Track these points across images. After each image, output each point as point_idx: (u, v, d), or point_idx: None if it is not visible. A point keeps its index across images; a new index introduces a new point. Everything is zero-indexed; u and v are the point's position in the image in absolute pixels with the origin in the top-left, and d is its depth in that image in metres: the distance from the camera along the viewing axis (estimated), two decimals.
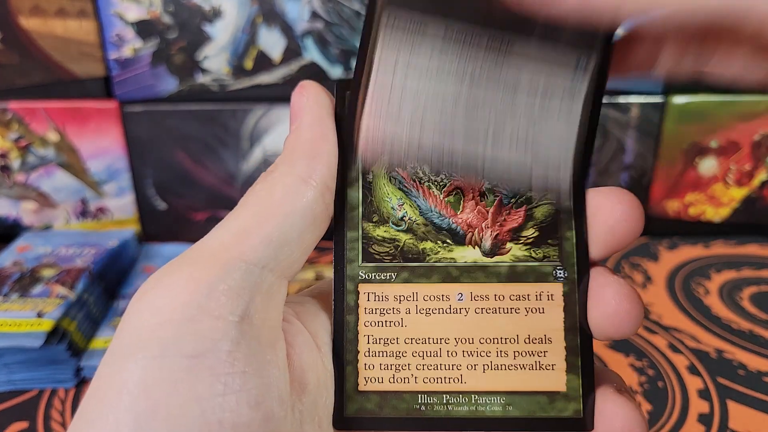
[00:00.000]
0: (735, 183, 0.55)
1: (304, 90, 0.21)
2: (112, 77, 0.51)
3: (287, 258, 0.19)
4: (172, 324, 0.17)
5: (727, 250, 0.55)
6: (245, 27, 0.50)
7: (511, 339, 0.20)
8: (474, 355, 0.20)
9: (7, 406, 0.36)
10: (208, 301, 0.17)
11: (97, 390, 0.17)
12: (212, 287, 0.17)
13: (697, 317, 0.45)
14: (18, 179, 0.53)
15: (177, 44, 0.50)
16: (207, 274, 0.17)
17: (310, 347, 0.20)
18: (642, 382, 0.38)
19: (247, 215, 0.19)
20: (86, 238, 0.50)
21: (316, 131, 0.20)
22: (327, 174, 0.20)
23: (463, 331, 0.20)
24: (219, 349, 0.17)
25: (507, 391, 0.20)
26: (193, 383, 0.16)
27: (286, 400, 0.18)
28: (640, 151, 0.54)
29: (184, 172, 0.54)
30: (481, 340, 0.20)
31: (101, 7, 0.49)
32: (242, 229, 0.19)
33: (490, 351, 0.20)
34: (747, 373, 0.39)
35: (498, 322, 0.20)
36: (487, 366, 0.20)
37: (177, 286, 0.17)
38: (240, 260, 0.18)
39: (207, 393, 0.16)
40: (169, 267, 0.18)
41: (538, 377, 0.20)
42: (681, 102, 0.52)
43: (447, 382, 0.20)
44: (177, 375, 0.16)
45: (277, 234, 0.19)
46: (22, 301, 0.40)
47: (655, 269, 0.52)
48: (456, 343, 0.20)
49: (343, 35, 0.51)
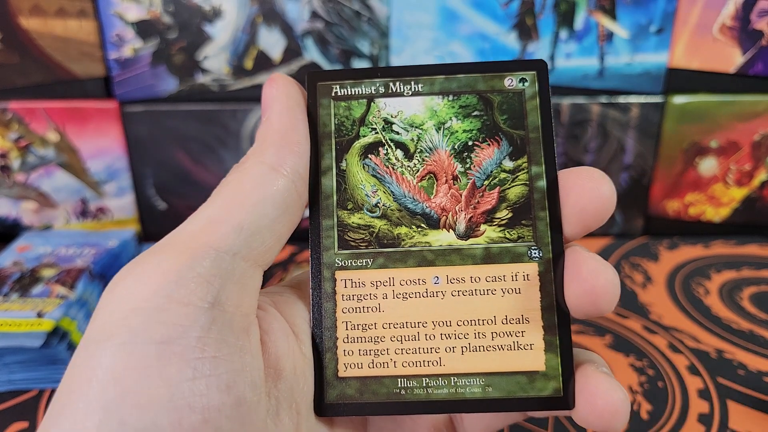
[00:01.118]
0: (735, 183, 0.55)
1: (274, 82, 0.21)
2: (112, 77, 0.51)
3: (260, 246, 0.19)
4: (142, 311, 0.17)
5: (727, 250, 0.55)
6: (245, 27, 0.50)
7: (489, 320, 0.20)
8: (452, 337, 0.20)
9: (7, 406, 0.36)
10: (177, 288, 0.17)
11: (68, 379, 0.17)
12: (182, 274, 0.17)
13: (697, 317, 0.45)
14: (18, 179, 0.53)
15: (177, 44, 0.50)
16: (177, 262, 0.18)
17: (286, 334, 0.20)
18: (642, 382, 0.38)
19: (218, 204, 0.19)
20: (86, 238, 0.50)
21: (285, 121, 0.20)
22: (298, 163, 0.20)
23: (441, 315, 0.21)
24: (188, 335, 0.17)
25: (486, 372, 0.20)
26: (162, 369, 0.16)
27: (259, 386, 0.18)
28: (640, 151, 0.54)
29: (184, 172, 0.54)
30: (459, 323, 0.20)
31: (101, 7, 0.49)
32: (213, 217, 0.19)
33: (468, 333, 0.20)
34: (747, 373, 0.39)
35: (475, 303, 0.21)
36: (465, 348, 0.20)
37: (147, 275, 0.18)
38: (210, 248, 0.18)
39: (176, 378, 0.16)
40: (141, 257, 0.18)
41: (517, 357, 0.20)
42: (681, 102, 0.52)
43: (426, 366, 0.20)
44: (146, 361, 0.16)
45: (248, 222, 0.19)
46: (22, 301, 0.40)
47: (655, 269, 0.52)
48: (434, 327, 0.21)
49: (343, 35, 0.51)
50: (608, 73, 0.52)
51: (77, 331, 0.39)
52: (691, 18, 0.50)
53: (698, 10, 0.50)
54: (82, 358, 0.17)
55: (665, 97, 0.52)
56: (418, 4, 0.50)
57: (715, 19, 0.50)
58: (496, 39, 0.51)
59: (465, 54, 0.51)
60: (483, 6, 0.50)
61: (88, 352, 0.17)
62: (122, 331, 0.17)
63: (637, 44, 0.51)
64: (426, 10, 0.50)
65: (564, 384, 0.20)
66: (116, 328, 0.17)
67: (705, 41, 0.51)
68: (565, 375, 0.20)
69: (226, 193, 0.20)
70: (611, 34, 0.51)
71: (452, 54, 0.51)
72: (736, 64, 0.51)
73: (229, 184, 0.20)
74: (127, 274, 0.18)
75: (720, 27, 0.50)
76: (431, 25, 0.51)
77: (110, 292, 0.18)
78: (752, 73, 0.51)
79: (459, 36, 0.51)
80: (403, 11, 0.50)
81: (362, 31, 0.51)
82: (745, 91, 0.52)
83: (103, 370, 0.16)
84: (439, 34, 0.51)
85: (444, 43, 0.51)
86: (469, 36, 0.51)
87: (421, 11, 0.50)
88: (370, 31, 0.51)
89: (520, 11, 0.50)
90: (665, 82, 0.52)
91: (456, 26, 0.51)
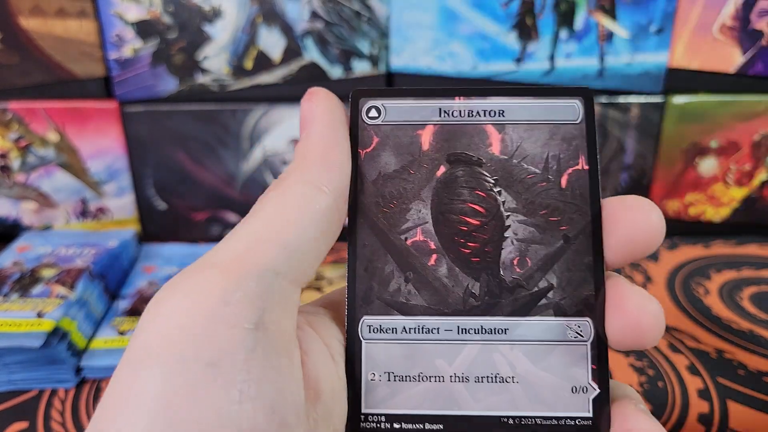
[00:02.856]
0: (735, 183, 0.55)
1: (314, 97, 0.21)
2: (112, 77, 0.51)
3: (300, 265, 0.19)
4: (189, 332, 0.17)
5: (727, 250, 0.55)
6: (245, 27, 0.50)
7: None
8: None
9: (7, 406, 0.36)
10: (224, 309, 0.17)
11: (111, 399, 0.16)
12: (228, 294, 0.17)
13: (697, 317, 0.45)
14: (18, 179, 0.53)
15: (177, 44, 0.50)
16: (222, 282, 0.17)
17: (324, 355, 0.20)
18: (642, 382, 0.38)
19: (261, 223, 0.19)
20: (86, 238, 0.50)
21: (327, 138, 0.20)
22: (340, 181, 0.20)
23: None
24: (235, 357, 0.17)
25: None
26: (210, 391, 0.16)
27: (300, 408, 0.18)
28: (640, 151, 0.54)
29: (184, 172, 0.54)
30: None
31: (101, 7, 0.49)
32: (256, 236, 0.19)
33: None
34: (747, 373, 0.39)
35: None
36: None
37: (193, 294, 0.17)
38: (255, 268, 0.18)
39: (224, 400, 0.16)
40: (185, 274, 0.18)
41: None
42: (681, 102, 0.52)
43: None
44: (194, 382, 0.16)
45: (291, 241, 0.19)
46: (22, 301, 0.40)
47: (655, 269, 0.52)
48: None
49: (343, 35, 0.51)
50: (608, 73, 0.52)
51: (77, 331, 0.39)
52: (691, 18, 0.50)
53: (698, 10, 0.50)
54: (130, 374, 0.16)
55: (665, 97, 0.52)
56: (418, 4, 0.50)
57: (715, 19, 0.50)
58: (496, 39, 0.51)
59: (465, 54, 0.51)
60: (483, 6, 0.50)
61: (132, 372, 0.16)
62: (168, 351, 0.16)
63: (637, 44, 0.51)
64: (426, 10, 0.50)
65: (598, 415, 0.19)
66: (162, 348, 0.16)
67: (705, 41, 0.51)
68: (600, 407, 0.19)
69: (268, 211, 0.19)
70: (611, 34, 0.50)
71: (452, 54, 0.51)
72: (736, 64, 0.51)
73: (271, 200, 0.19)
74: (172, 291, 0.18)
75: (720, 27, 0.50)
76: (431, 25, 0.51)
77: (154, 308, 0.18)
78: (752, 73, 0.51)
79: (459, 36, 0.51)
80: (402, 11, 0.50)
81: (362, 31, 0.51)
82: (745, 91, 0.52)
83: (150, 393, 0.16)
84: (439, 34, 0.51)
85: (444, 43, 0.51)
86: (469, 36, 0.51)
87: (421, 11, 0.50)
88: (370, 31, 0.51)
89: (520, 11, 0.50)
90: (665, 82, 0.52)
91: (456, 26, 0.51)
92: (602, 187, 0.23)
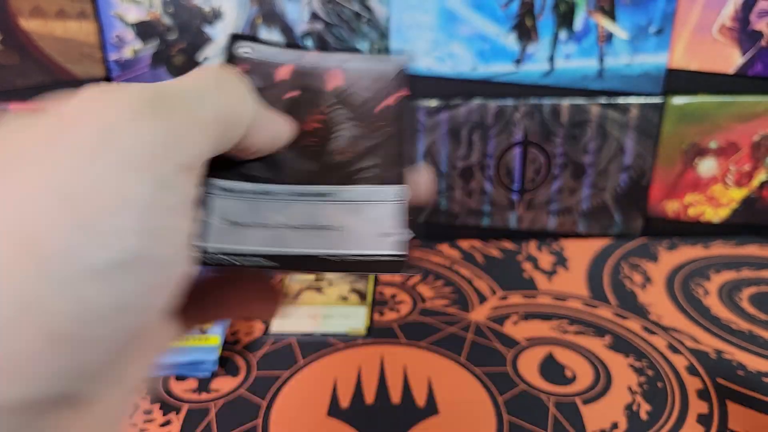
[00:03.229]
0: (734, 184, 0.55)
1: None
2: (112, 78, 0.51)
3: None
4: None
5: (726, 250, 0.55)
6: (245, 28, 0.50)
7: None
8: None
9: None
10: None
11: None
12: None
13: (696, 318, 0.45)
14: None
15: (177, 45, 0.50)
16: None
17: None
18: (642, 383, 0.38)
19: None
20: None
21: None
22: None
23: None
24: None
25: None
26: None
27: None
28: (640, 152, 0.54)
29: None
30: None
31: (101, 8, 0.49)
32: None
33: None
34: (746, 373, 0.39)
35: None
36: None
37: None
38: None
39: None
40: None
41: None
42: (680, 103, 0.52)
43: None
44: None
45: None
46: None
47: (654, 270, 0.52)
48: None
49: (343, 36, 0.51)
50: (608, 74, 0.52)
51: None
52: (691, 19, 0.50)
53: (698, 10, 0.50)
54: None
55: (665, 98, 0.52)
56: (417, 5, 0.50)
57: (714, 19, 0.50)
58: (495, 40, 0.51)
59: (465, 55, 0.51)
60: (483, 7, 0.50)
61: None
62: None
63: (636, 45, 0.51)
64: (426, 11, 0.50)
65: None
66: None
67: (704, 42, 0.51)
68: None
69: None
70: (611, 35, 0.51)
71: (452, 55, 0.51)
72: (735, 64, 0.51)
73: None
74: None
75: (719, 27, 0.50)
76: (431, 26, 0.51)
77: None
78: (751, 74, 0.51)
79: (458, 37, 0.51)
80: (402, 12, 0.50)
81: (362, 32, 0.51)
82: (745, 91, 0.52)
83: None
84: (438, 35, 0.51)
85: (444, 44, 0.51)
86: (468, 37, 0.51)
87: (420, 12, 0.50)
88: (370, 32, 0.51)
89: (520, 12, 0.50)
90: (665, 82, 0.52)
91: (455, 27, 0.51)
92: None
